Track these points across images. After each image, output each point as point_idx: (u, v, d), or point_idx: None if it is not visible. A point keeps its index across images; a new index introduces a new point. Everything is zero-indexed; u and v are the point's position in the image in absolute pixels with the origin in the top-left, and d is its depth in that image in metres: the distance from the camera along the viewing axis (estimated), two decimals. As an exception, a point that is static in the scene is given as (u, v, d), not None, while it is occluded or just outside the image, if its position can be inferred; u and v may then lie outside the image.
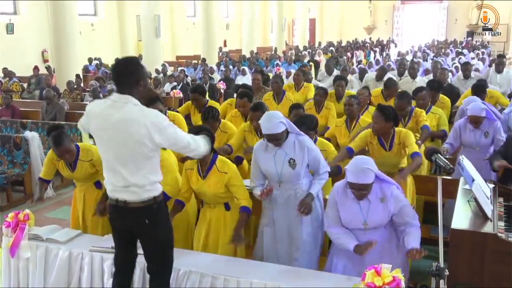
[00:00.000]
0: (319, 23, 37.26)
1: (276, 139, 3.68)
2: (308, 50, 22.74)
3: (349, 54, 21.19)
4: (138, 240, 3.26)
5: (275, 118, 3.66)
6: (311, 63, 16.70)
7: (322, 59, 19.18)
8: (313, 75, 12.69)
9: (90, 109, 3.11)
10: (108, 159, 3.05)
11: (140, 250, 3.28)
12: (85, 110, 3.16)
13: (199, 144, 3.22)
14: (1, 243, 3.91)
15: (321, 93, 6.57)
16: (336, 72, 10.53)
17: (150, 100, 5.20)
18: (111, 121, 2.94)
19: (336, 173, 4.28)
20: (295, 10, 32.83)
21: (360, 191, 3.31)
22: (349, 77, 9.62)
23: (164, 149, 3.31)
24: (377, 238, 3.36)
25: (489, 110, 5.18)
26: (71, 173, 4.37)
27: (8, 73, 13.86)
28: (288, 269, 3.48)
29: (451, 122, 6.41)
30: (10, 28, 18.08)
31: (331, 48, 22.92)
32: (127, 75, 2.96)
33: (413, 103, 5.74)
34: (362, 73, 10.44)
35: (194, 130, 3.76)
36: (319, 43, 29.42)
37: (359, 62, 17.40)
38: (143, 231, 3.13)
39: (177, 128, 3.06)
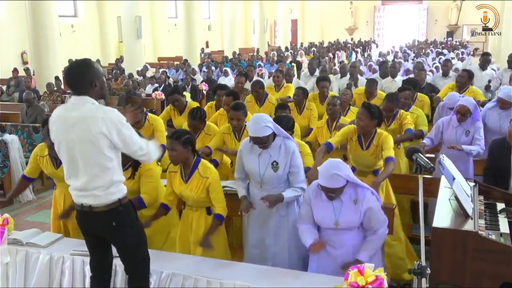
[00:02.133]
0: (301, 24, 37.39)
1: (262, 142, 3.68)
2: (290, 51, 22.81)
3: (331, 54, 21.30)
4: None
5: (262, 122, 3.65)
6: (293, 63, 16.75)
7: (304, 59, 19.26)
8: (296, 75, 12.71)
9: (51, 118, 3.09)
10: (71, 163, 3.01)
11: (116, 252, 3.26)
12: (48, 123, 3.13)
13: (151, 151, 3.16)
14: (-21, 248, 3.84)
15: (300, 93, 6.53)
16: (317, 72, 10.56)
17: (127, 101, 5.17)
18: (70, 121, 2.93)
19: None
20: (277, 11, 32.93)
21: (329, 193, 3.35)
22: (330, 77, 9.64)
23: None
24: (349, 239, 3.44)
25: (477, 110, 5.23)
26: (55, 170, 4.31)
27: (-14, 76, 13.66)
28: (271, 270, 3.47)
29: (430, 122, 6.46)
30: (-13, 30, 17.78)
31: (313, 48, 23.01)
32: (81, 78, 2.95)
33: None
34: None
35: (177, 133, 3.74)
36: (301, 44, 29.53)
37: (341, 63, 17.50)
38: (111, 234, 3.13)
39: (133, 131, 3.05)
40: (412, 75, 9.61)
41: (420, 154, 2.79)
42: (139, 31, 16.62)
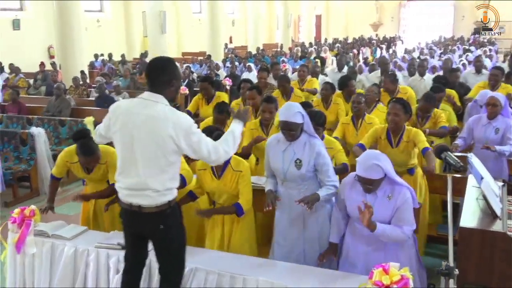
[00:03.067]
0: (325, 19, 37.17)
1: (291, 129, 3.61)
2: (314, 47, 22.66)
3: (355, 51, 21.09)
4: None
5: (295, 108, 3.62)
6: (317, 59, 16.64)
7: (328, 55, 19.11)
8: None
9: (116, 107, 3.08)
10: (129, 160, 2.98)
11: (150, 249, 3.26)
12: (109, 111, 3.11)
13: (220, 155, 3.09)
14: (7, 239, 3.90)
15: (328, 87, 6.54)
16: (346, 69, 10.48)
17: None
18: (139, 118, 2.91)
19: (343, 171, 4.23)
20: (301, 7, 32.76)
21: (367, 185, 3.29)
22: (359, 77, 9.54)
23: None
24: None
25: (508, 107, 5.16)
26: (87, 175, 4.33)
27: (14, 69, 13.91)
28: (295, 267, 3.43)
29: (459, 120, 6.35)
30: (16, 24, 18.11)
31: (337, 44, 22.86)
32: (161, 74, 2.95)
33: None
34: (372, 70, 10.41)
35: (205, 132, 3.70)
36: (325, 40, 29.35)
37: (365, 59, 17.32)
38: (156, 235, 3.10)
39: (203, 137, 3.01)
40: (439, 73, 9.46)
41: (449, 152, 2.74)
42: (164, 26, 16.73)
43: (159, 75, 2.96)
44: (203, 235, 4.22)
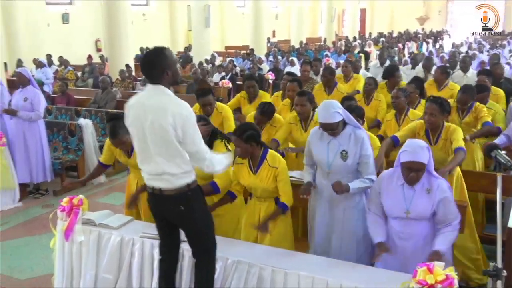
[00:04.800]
0: (370, 13, 36.61)
1: (331, 129, 3.64)
2: (358, 41, 22.38)
3: (400, 45, 20.72)
4: None
5: (332, 108, 3.61)
6: (361, 54, 16.43)
7: (373, 50, 18.84)
8: (363, 66, 12.49)
9: (129, 102, 3.21)
10: (144, 150, 3.11)
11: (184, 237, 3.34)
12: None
13: (215, 161, 3.19)
14: (56, 227, 4.03)
15: (372, 82, 6.48)
16: (388, 63, 10.32)
17: (203, 92, 5.26)
18: (145, 110, 3.03)
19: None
20: (345, 0, 32.33)
21: (416, 171, 3.23)
22: (400, 68, 9.38)
23: None
24: (419, 229, 3.33)
25: None
26: (128, 159, 4.44)
27: (63, 62, 14.30)
28: (337, 263, 3.42)
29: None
30: (65, 18, 18.65)
31: (382, 39, 22.49)
32: (153, 67, 3.04)
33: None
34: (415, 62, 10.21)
35: (239, 130, 3.72)
36: (370, 34, 28.92)
37: (410, 54, 16.98)
38: (179, 217, 3.21)
39: (198, 135, 3.08)
40: (487, 68, 9.17)
41: (499, 151, 2.66)
42: (208, 20, 16.84)
43: (150, 69, 3.05)
44: (238, 228, 4.24)
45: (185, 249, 3.47)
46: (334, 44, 22.39)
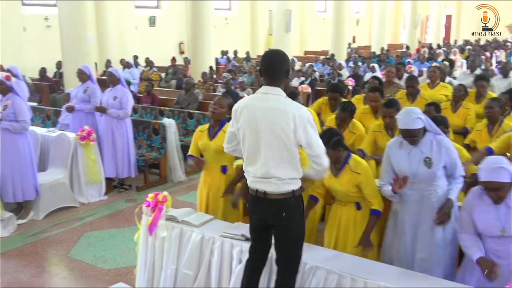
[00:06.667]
0: (456, 19, 35.23)
1: (412, 136, 3.55)
2: (442, 48, 21.61)
3: (488, 53, 19.78)
4: None
5: (413, 114, 3.54)
6: (445, 62, 15.85)
7: (458, 58, 18.12)
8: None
9: (237, 106, 3.20)
10: (255, 152, 3.09)
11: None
12: (232, 114, 3.25)
13: (324, 161, 3.09)
14: (141, 221, 4.19)
15: (462, 89, 6.28)
16: (478, 71, 9.91)
17: (292, 95, 5.29)
18: (261, 111, 3.01)
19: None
20: (430, 6, 31.32)
21: (494, 191, 3.10)
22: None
23: None
24: None
25: None
26: (208, 142, 4.46)
27: (149, 63, 14.86)
28: (419, 276, 3.31)
29: None
30: (152, 21, 19.40)
31: (468, 46, 21.59)
32: (281, 67, 3.04)
33: None
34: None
35: (326, 138, 3.63)
36: (455, 41, 27.85)
37: (498, 63, 16.17)
38: (279, 223, 3.17)
39: (319, 138, 3.06)
40: None
41: None
42: (289, 24, 16.93)
43: (278, 68, 3.03)
44: (314, 232, 4.22)
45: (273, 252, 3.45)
46: (417, 52, 21.71)
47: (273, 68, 3.05)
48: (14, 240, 5.78)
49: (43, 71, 13.42)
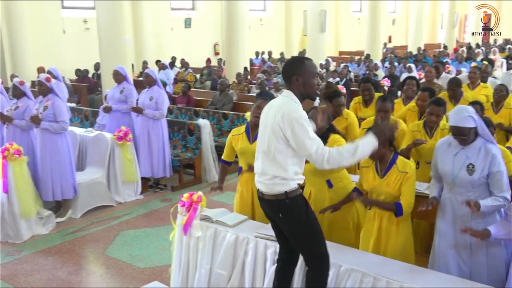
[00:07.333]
0: (496, 18, 34.32)
1: (462, 134, 3.44)
2: (481, 48, 21.10)
3: (530, 53, 19.23)
4: None
5: (466, 112, 3.45)
6: (484, 62, 15.47)
7: (498, 57, 17.66)
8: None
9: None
10: (259, 148, 3.25)
11: None
12: None
13: (324, 160, 2.99)
14: (176, 220, 4.22)
15: (503, 89, 6.15)
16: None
17: (336, 93, 5.29)
18: (270, 108, 3.19)
19: None
20: (469, 5, 30.62)
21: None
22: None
23: None
24: None
25: None
26: (249, 145, 4.42)
27: (184, 64, 15.01)
28: (458, 281, 3.22)
29: None
30: (188, 23, 19.62)
31: (509, 46, 21.01)
32: (287, 71, 3.17)
33: None
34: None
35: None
36: (495, 41, 27.16)
37: (541, 63, 15.70)
38: (280, 223, 3.26)
39: (310, 133, 3.00)
40: None
41: None
42: (324, 25, 16.83)
43: (284, 72, 3.19)
44: (357, 235, 4.16)
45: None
46: (455, 51, 21.27)
47: (284, 73, 3.20)
48: (53, 238, 5.93)
49: (85, 72, 13.73)
